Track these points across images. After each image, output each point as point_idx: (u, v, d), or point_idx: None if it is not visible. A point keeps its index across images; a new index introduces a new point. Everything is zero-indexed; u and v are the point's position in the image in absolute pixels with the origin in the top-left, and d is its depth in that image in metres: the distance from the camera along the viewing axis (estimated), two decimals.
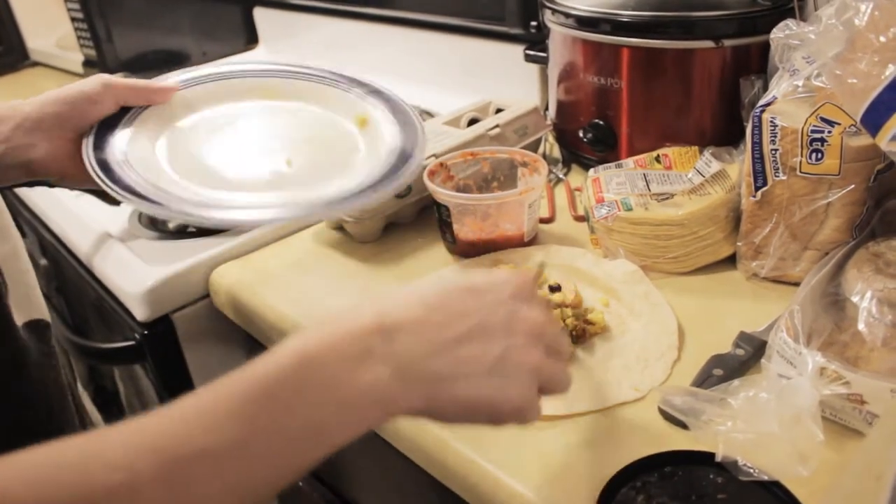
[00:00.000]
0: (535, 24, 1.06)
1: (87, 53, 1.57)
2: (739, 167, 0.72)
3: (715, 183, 0.73)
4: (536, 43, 1.04)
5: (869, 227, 0.65)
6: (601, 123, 0.89)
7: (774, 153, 0.64)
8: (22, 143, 0.67)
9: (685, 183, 0.75)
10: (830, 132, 0.60)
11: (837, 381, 0.49)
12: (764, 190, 0.66)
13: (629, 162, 0.82)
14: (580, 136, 0.91)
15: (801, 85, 0.64)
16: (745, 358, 0.58)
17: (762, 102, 0.65)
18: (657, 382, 0.58)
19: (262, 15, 1.68)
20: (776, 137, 0.63)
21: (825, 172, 0.62)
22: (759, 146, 0.65)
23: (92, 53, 1.55)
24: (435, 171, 0.80)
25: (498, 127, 0.90)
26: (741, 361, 0.58)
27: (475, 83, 1.20)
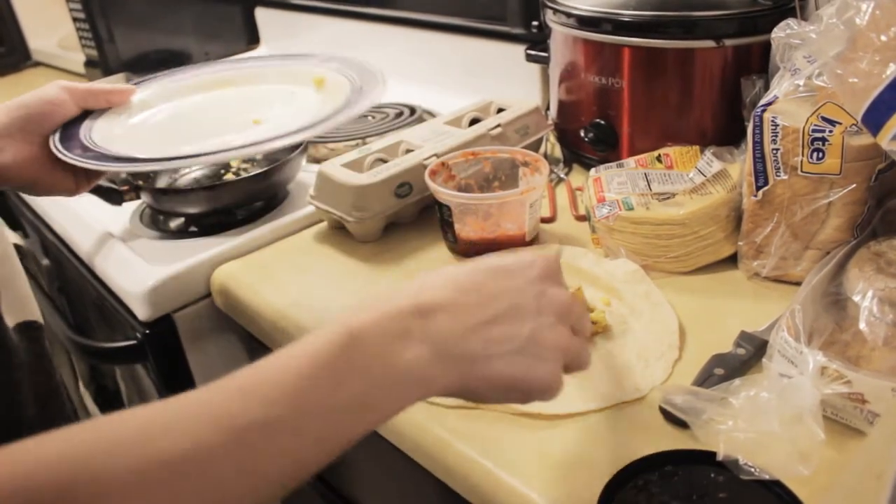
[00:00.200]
0: (536, 23, 1.06)
1: (88, 54, 1.57)
2: (741, 167, 0.72)
3: (716, 182, 0.73)
4: (537, 43, 1.04)
5: (870, 226, 0.64)
6: (602, 123, 0.89)
7: (776, 153, 0.64)
8: None
9: (686, 182, 0.75)
10: (832, 131, 0.60)
11: (839, 380, 0.49)
12: (765, 189, 0.66)
13: (630, 161, 0.82)
14: (581, 135, 0.91)
15: (802, 84, 0.64)
16: (746, 357, 0.58)
17: (763, 102, 0.65)
18: (658, 381, 0.58)
19: (263, 15, 1.68)
20: (777, 137, 0.63)
21: (826, 172, 0.62)
22: (760, 145, 0.65)
23: (94, 54, 1.55)
24: (436, 170, 0.80)
25: (499, 127, 0.90)
26: (742, 361, 0.58)
27: (476, 83, 1.20)
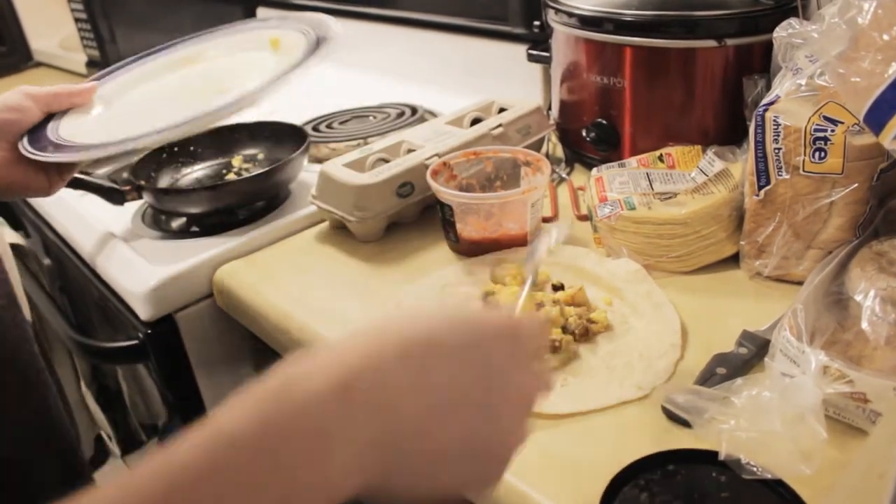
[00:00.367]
0: (537, 23, 1.06)
1: (90, 54, 1.58)
2: (742, 166, 0.72)
3: (718, 182, 0.73)
4: (539, 42, 1.04)
5: (872, 226, 0.64)
6: (604, 123, 0.89)
7: (777, 152, 0.64)
8: None
9: (688, 182, 0.75)
10: (833, 131, 0.60)
11: (841, 379, 0.49)
12: (767, 189, 0.66)
13: (632, 161, 0.82)
14: (583, 135, 0.91)
15: (804, 84, 0.64)
16: (748, 357, 0.58)
17: (765, 101, 0.65)
18: (660, 381, 0.58)
19: (264, 15, 1.68)
20: (779, 136, 0.63)
21: (828, 171, 0.62)
22: (762, 145, 0.65)
23: (95, 54, 1.55)
24: (438, 170, 0.80)
25: (501, 126, 0.90)
26: (744, 360, 0.58)
27: (478, 83, 1.20)
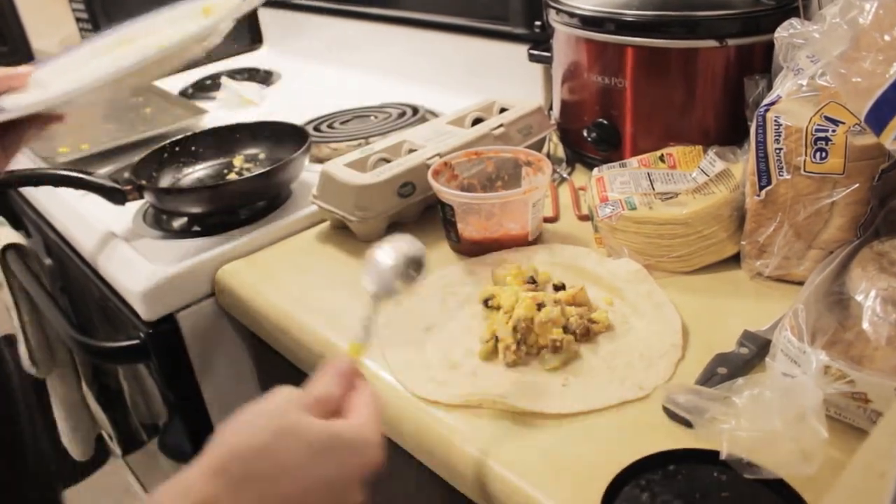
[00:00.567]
0: (538, 23, 1.06)
1: None
2: (743, 166, 0.72)
3: (719, 182, 0.73)
4: (540, 42, 1.04)
5: (873, 226, 0.64)
6: (605, 123, 0.89)
7: (779, 152, 0.64)
8: None
9: (689, 182, 0.75)
10: (835, 131, 0.60)
11: (841, 379, 0.49)
12: (768, 189, 0.66)
13: (633, 161, 0.82)
14: (584, 135, 0.91)
15: (805, 84, 0.64)
16: (749, 356, 0.58)
17: (766, 101, 0.65)
18: (661, 381, 0.58)
19: (266, 15, 1.68)
20: (780, 136, 0.63)
21: (829, 171, 0.62)
22: (763, 145, 0.65)
23: None
24: (439, 170, 0.80)
25: (502, 126, 0.90)
26: (745, 360, 0.58)
27: (479, 83, 1.20)
